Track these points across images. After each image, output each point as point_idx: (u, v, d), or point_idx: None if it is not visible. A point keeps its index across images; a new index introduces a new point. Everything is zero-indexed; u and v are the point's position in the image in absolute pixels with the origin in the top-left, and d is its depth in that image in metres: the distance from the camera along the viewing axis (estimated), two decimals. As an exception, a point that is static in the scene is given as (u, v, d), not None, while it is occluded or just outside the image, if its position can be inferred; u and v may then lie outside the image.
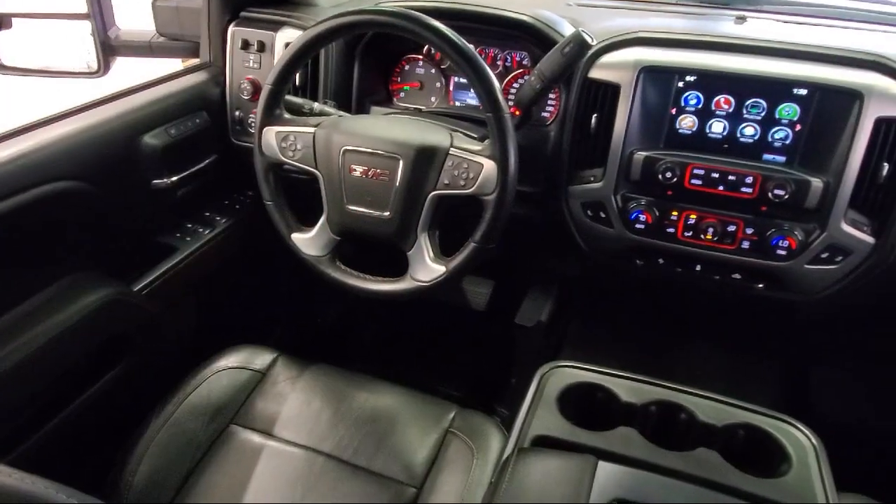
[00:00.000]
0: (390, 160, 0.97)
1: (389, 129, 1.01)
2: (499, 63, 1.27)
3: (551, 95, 1.23)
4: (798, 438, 0.85)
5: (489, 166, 0.93)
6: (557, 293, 1.69)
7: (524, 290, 1.70)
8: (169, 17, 1.41)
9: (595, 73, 1.08)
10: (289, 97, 1.13)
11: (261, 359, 1.16)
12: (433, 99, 1.34)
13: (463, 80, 1.30)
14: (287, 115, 1.06)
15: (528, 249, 1.54)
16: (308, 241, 1.08)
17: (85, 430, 1.10)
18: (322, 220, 1.06)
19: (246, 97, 1.27)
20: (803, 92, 0.99)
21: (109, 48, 1.39)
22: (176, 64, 1.48)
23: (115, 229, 1.18)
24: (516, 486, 0.70)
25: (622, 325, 1.65)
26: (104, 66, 1.39)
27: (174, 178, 1.21)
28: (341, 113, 1.14)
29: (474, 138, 1.00)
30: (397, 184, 0.98)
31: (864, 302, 1.09)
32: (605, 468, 0.74)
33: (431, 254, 1.01)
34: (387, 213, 1.00)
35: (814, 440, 0.84)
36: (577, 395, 0.91)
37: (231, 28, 1.31)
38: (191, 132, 1.25)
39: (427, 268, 1.00)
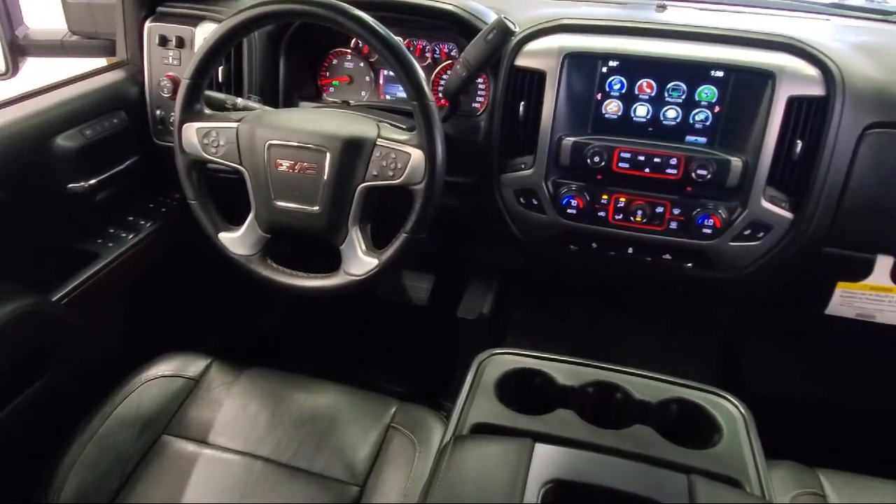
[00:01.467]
0: (317, 153, 0.95)
1: (315, 121, 0.99)
2: (427, 55, 1.27)
3: (481, 86, 1.23)
4: (728, 410, 0.87)
5: (417, 156, 0.92)
6: (499, 285, 1.69)
7: (465, 283, 1.70)
8: (81, 14, 1.34)
9: (521, 61, 1.09)
10: (211, 93, 1.10)
11: (194, 365, 1.12)
12: (363, 93, 1.32)
13: (392, 74, 1.29)
14: (208, 111, 1.02)
15: (467, 242, 1.54)
16: (236, 241, 1.04)
17: (4, 451, 1.04)
18: (250, 217, 1.03)
19: (166, 95, 1.23)
20: (720, 74, 1.02)
21: (18, 48, 1.32)
22: (95, 64, 1.42)
23: (31, 237, 1.11)
24: (453, 474, 0.69)
25: (563, 311, 1.67)
26: (13, 68, 1.31)
27: (92, 182, 1.15)
28: (266, 108, 1.11)
29: (402, 129, 0.99)
30: (325, 177, 0.96)
31: (787, 276, 1.13)
32: (542, 450, 0.74)
33: (363, 247, 0.99)
34: (316, 208, 0.98)
35: (743, 410, 0.86)
36: (514, 382, 0.91)
37: (147, 24, 1.26)
38: (108, 133, 1.19)
39: (360, 261, 0.99)
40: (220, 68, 1.21)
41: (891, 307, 1.09)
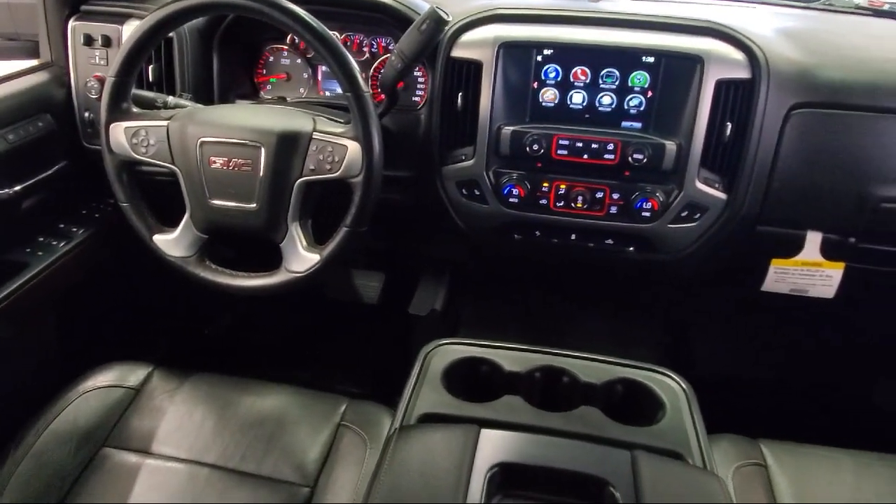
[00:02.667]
0: (251, 149, 0.93)
1: (248, 117, 0.97)
2: (365, 49, 1.26)
3: (420, 80, 1.23)
4: (671, 387, 0.89)
5: (353, 148, 0.91)
6: (450, 279, 1.69)
7: (416, 279, 1.69)
8: (0, 15, 1.28)
9: (457, 52, 1.09)
10: (140, 91, 1.07)
11: (134, 375, 1.08)
12: (302, 90, 1.30)
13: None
14: (137, 110, 0.99)
15: (415, 237, 1.53)
16: (172, 242, 1.01)
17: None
18: (185, 218, 1.00)
19: (94, 96, 1.18)
20: (651, 60, 1.04)
21: (-67, 52, 1.25)
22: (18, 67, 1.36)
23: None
24: (398, 465, 0.69)
25: (515, 302, 1.68)
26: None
27: (17, 188, 1.10)
28: (198, 105, 1.08)
29: (339, 122, 0.98)
30: (261, 173, 0.94)
31: (725, 256, 1.16)
32: (488, 435, 0.74)
33: (304, 243, 0.97)
34: (253, 205, 0.96)
35: (685, 386, 0.88)
36: (462, 371, 0.91)
37: (71, 23, 1.21)
38: (33, 137, 1.14)
39: (301, 257, 0.97)
40: (151, 67, 1.17)
41: (822, 281, 1.13)
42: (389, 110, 1.12)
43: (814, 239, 1.09)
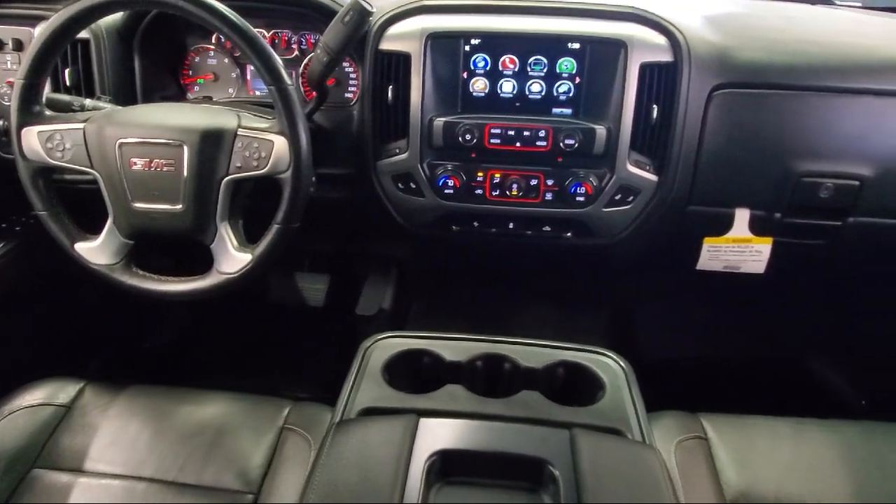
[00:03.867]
0: (173, 148, 0.90)
1: (169, 115, 0.94)
2: (293, 47, 1.24)
3: (352, 76, 1.22)
4: (610, 366, 0.90)
5: (280, 143, 0.89)
6: (396, 277, 1.68)
7: (362, 279, 1.68)
8: None
9: (385, 45, 1.08)
10: (54, 95, 1.02)
11: (64, 392, 1.04)
12: (231, 90, 1.27)
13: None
14: (50, 113, 0.95)
15: (357, 236, 1.51)
16: (96, 250, 0.97)
17: None
18: (108, 223, 0.96)
19: (7, 103, 1.13)
20: (576, 46, 1.05)
21: None
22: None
23: None
24: (334, 460, 0.67)
25: (462, 296, 1.68)
26: None
27: None
28: (116, 107, 1.04)
29: (265, 118, 0.96)
30: (185, 173, 0.91)
31: (660, 237, 1.18)
32: (427, 424, 0.73)
33: (235, 243, 0.95)
34: (179, 206, 0.92)
35: (623, 365, 0.89)
36: (403, 364, 0.90)
37: (-20, 28, 1.16)
38: (-59, 149, 1.09)
39: (232, 258, 0.94)
40: (68, 70, 1.13)
41: (752, 257, 1.16)
42: (320, 107, 1.10)
43: (742, 216, 1.12)
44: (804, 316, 1.60)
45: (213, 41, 1.25)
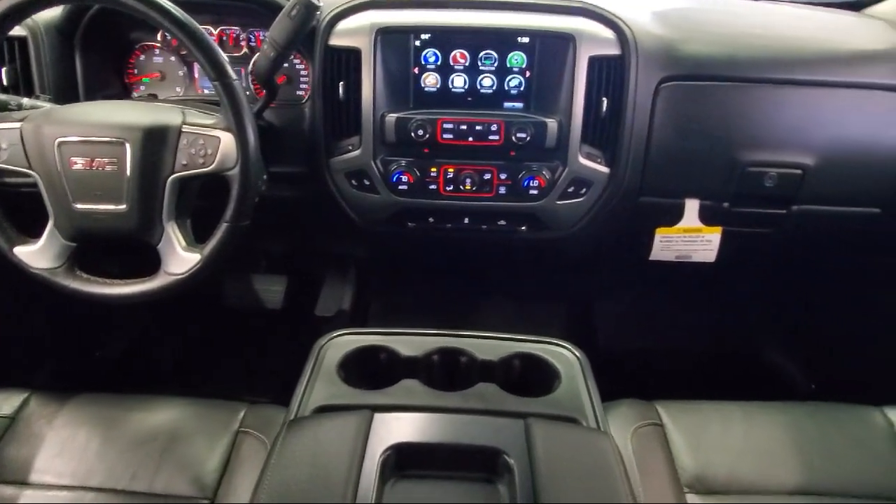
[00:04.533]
0: (115, 146, 0.88)
1: (110, 113, 0.91)
2: (242, 44, 1.22)
3: (303, 73, 1.20)
4: (566, 357, 0.90)
5: (226, 139, 0.87)
6: (356, 276, 1.67)
7: (321, 280, 1.66)
8: None
9: (334, 41, 1.07)
10: (-11, 95, 0.98)
11: (7, 403, 1.00)
12: (178, 89, 1.24)
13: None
14: None
15: (313, 236, 1.49)
16: (36, 254, 0.94)
17: None
18: (49, 226, 0.93)
19: (-61, 104, 1.08)
20: (526, 40, 1.06)
21: None
22: None
23: None
24: (286, 458, 0.66)
25: (422, 293, 1.68)
26: None
27: None
28: (55, 105, 1.01)
29: (211, 114, 0.94)
30: (128, 172, 0.88)
31: (613, 229, 1.20)
32: (382, 419, 0.73)
33: (183, 243, 0.92)
34: (123, 206, 0.90)
35: (579, 355, 0.90)
36: (359, 361, 0.89)
37: None
38: None
39: (180, 259, 0.92)
40: (4, 69, 1.08)
41: (703, 246, 1.18)
42: (270, 104, 1.09)
43: (692, 206, 1.14)
44: (756, 304, 1.64)
45: (159, 38, 1.22)
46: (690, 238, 1.17)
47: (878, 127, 1.09)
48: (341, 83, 1.07)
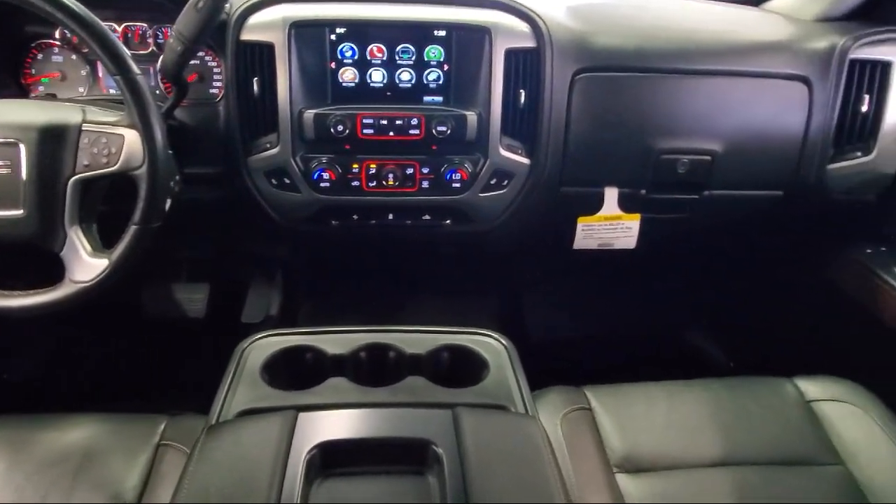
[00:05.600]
0: (8, 148, 0.82)
1: (1, 112, 0.85)
2: (149, 41, 1.16)
3: (217, 70, 1.16)
4: (493, 346, 0.91)
5: (131, 136, 0.83)
6: (283, 280, 1.63)
7: (247, 285, 1.61)
8: None
9: (246, 35, 1.04)
10: None
11: None
12: (80, 89, 1.17)
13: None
14: None
15: (235, 240, 1.45)
16: None
17: None
18: (-64, 237, 0.86)
19: None
20: (442, 33, 1.06)
21: None
22: None
23: None
24: (205, 464, 0.63)
25: (353, 294, 1.65)
26: None
27: None
28: None
29: (114, 112, 0.89)
30: (24, 175, 0.83)
31: (537, 220, 1.22)
32: (307, 418, 0.71)
33: (89, 248, 0.87)
34: (20, 212, 0.84)
35: (506, 343, 0.90)
36: (284, 362, 0.87)
37: None
38: None
39: (86, 265, 0.87)
40: None
41: (624, 233, 1.22)
42: (180, 102, 1.04)
43: (611, 194, 1.17)
44: (676, 288, 1.71)
45: (58, 35, 1.15)
46: (611, 225, 1.20)
47: (778, 114, 1.15)
48: (255, 79, 1.04)
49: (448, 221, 1.15)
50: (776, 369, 1.10)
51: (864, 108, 1.15)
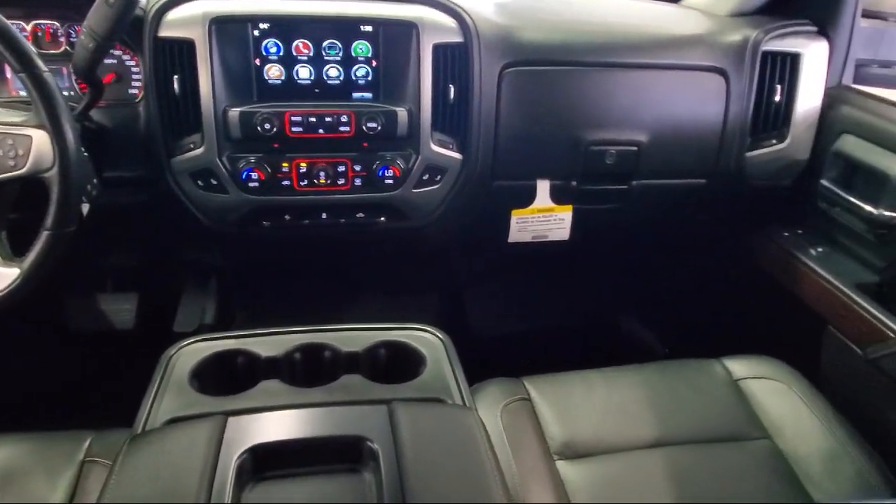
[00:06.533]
0: None
1: None
2: (61, 40, 1.10)
3: (135, 69, 1.11)
4: (429, 340, 0.90)
5: (39, 137, 0.79)
6: (217, 287, 1.58)
7: (179, 293, 1.55)
8: None
9: (164, 32, 1.00)
10: None
11: None
12: (-14, 91, 1.11)
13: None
14: None
15: (162, 245, 1.40)
16: None
17: None
18: None
19: None
20: (369, 29, 1.05)
21: None
22: None
23: None
24: (127, 476, 0.60)
25: (290, 297, 1.62)
26: None
27: None
28: None
29: (21, 112, 0.84)
30: None
31: (471, 214, 1.22)
32: (237, 423, 0.69)
33: None
34: None
35: (442, 337, 0.90)
36: (215, 368, 0.84)
37: None
38: None
39: None
40: None
41: (557, 225, 1.24)
42: (96, 102, 0.99)
43: (543, 186, 1.19)
44: (611, 277, 1.75)
45: (-43, 37, 1.08)
46: (544, 217, 1.22)
47: (698, 105, 1.20)
48: (176, 78, 1.01)
49: (382, 219, 1.14)
50: (707, 351, 1.14)
51: (777, 98, 1.21)
